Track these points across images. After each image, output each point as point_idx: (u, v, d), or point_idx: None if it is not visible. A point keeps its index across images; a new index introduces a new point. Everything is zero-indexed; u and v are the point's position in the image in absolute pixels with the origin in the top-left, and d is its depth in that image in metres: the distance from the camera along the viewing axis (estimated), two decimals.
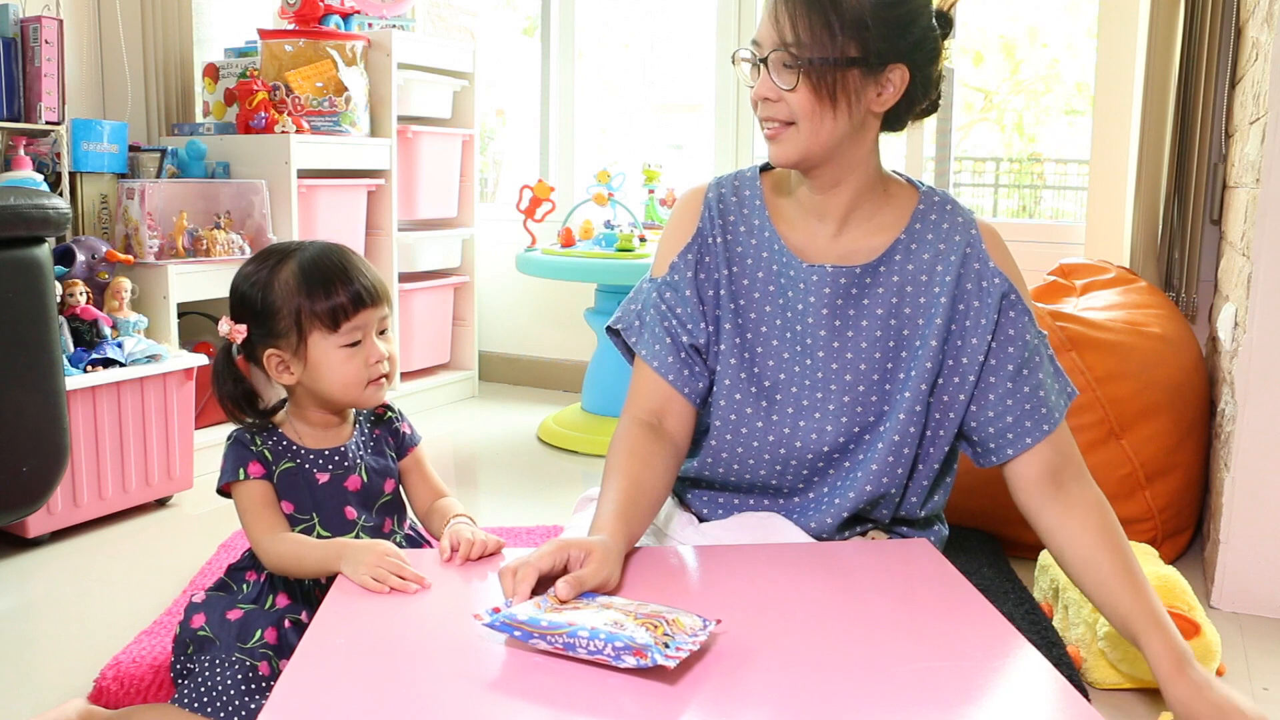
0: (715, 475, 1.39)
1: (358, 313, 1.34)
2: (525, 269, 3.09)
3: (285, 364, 1.36)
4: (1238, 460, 1.91)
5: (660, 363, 1.35)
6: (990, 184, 3.92)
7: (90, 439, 2.28)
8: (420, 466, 1.49)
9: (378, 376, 1.37)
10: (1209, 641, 1.56)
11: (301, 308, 1.33)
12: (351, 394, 1.37)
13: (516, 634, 0.97)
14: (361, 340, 1.36)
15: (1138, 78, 2.60)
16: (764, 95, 1.26)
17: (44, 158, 2.73)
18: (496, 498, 2.63)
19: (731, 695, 0.89)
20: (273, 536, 1.34)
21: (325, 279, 1.34)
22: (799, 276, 1.31)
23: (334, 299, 1.33)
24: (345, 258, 1.37)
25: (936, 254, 1.30)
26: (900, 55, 1.24)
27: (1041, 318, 2.17)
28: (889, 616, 1.05)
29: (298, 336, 1.34)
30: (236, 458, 1.37)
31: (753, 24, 3.44)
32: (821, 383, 1.32)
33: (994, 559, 2.11)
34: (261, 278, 1.36)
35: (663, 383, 1.35)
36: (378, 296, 1.37)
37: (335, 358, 1.34)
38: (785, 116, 1.25)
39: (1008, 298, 1.30)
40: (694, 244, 1.37)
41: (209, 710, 1.26)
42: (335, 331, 1.34)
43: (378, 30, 3.32)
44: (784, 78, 1.23)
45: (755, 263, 1.35)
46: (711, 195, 1.39)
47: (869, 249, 1.32)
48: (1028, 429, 1.30)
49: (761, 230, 1.35)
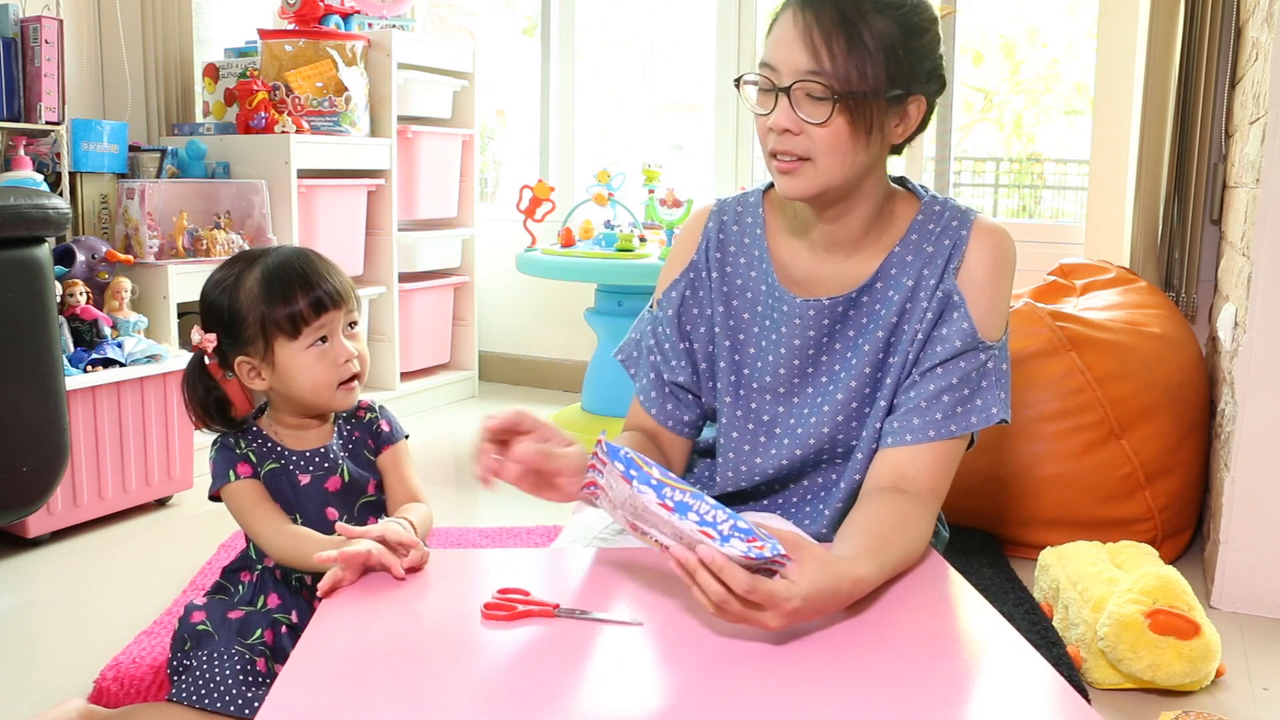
0: (723, 494, 1.40)
1: (318, 317, 1.35)
2: (525, 269, 3.09)
3: (256, 370, 1.37)
4: (1238, 460, 1.91)
5: (645, 397, 1.38)
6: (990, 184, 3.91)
7: (90, 439, 2.28)
8: (398, 466, 1.46)
9: (348, 377, 1.37)
10: (1209, 641, 1.56)
11: (265, 315, 1.34)
12: (323, 397, 1.37)
13: (634, 472, 0.94)
14: (328, 340, 1.36)
15: (1138, 78, 2.60)
16: (784, 127, 1.15)
17: (44, 158, 2.73)
18: (496, 498, 2.62)
19: (730, 694, 0.89)
20: (274, 529, 1.35)
21: (285, 286, 1.34)
22: (793, 312, 1.28)
23: (293, 305, 1.34)
24: (308, 263, 1.37)
25: (926, 260, 1.25)
26: (919, 85, 1.19)
27: (1041, 318, 2.17)
28: (888, 616, 1.05)
29: (264, 343, 1.35)
30: (225, 461, 1.37)
31: (753, 25, 3.44)
32: (817, 407, 1.30)
33: (994, 559, 2.11)
34: (228, 285, 1.37)
35: (649, 417, 1.38)
36: (340, 299, 1.37)
37: (303, 361, 1.35)
38: (803, 151, 1.16)
39: (950, 299, 1.23)
40: (684, 278, 1.35)
41: (206, 703, 1.26)
42: (297, 337, 1.35)
43: (378, 30, 3.32)
44: (813, 110, 1.14)
45: (754, 297, 1.32)
46: (711, 225, 1.35)
47: (869, 271, 1.27)
48: (914, 426, 1.22)
49: (760, 262, 1.32)
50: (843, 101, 1.13)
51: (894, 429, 1.23)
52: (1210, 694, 1.62)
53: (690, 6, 3.80)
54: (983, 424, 1.23)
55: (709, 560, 0.91)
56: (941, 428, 1.21)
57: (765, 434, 1.33)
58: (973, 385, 1.23)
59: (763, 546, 0.91)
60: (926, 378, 1.23)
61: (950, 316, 1.23)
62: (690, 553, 0.92)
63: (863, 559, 1.05)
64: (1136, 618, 1.56)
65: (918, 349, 1.24)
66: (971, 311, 1.22)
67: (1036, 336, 2.15)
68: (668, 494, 0.94)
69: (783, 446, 1.32)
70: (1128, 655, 1.56)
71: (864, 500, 1.20)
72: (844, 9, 1.13)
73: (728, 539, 0.92)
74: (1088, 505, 2.11)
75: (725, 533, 0.92)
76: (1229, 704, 1.59)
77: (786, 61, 1.14)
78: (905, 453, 1.22)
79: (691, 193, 3.20)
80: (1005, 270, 1.26)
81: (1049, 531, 2.12)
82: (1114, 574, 1.71)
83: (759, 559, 0.91)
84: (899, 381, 1.26)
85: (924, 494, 1.20)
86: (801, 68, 1.13)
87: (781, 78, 1.15)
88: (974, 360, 1.23)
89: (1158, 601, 1.58)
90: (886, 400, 1.26)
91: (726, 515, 0.94)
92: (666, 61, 4.06)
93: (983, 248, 1.24)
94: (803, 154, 1.16)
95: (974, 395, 1.23)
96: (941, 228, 1.26)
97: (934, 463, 1.22)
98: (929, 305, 1.23)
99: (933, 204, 1.28)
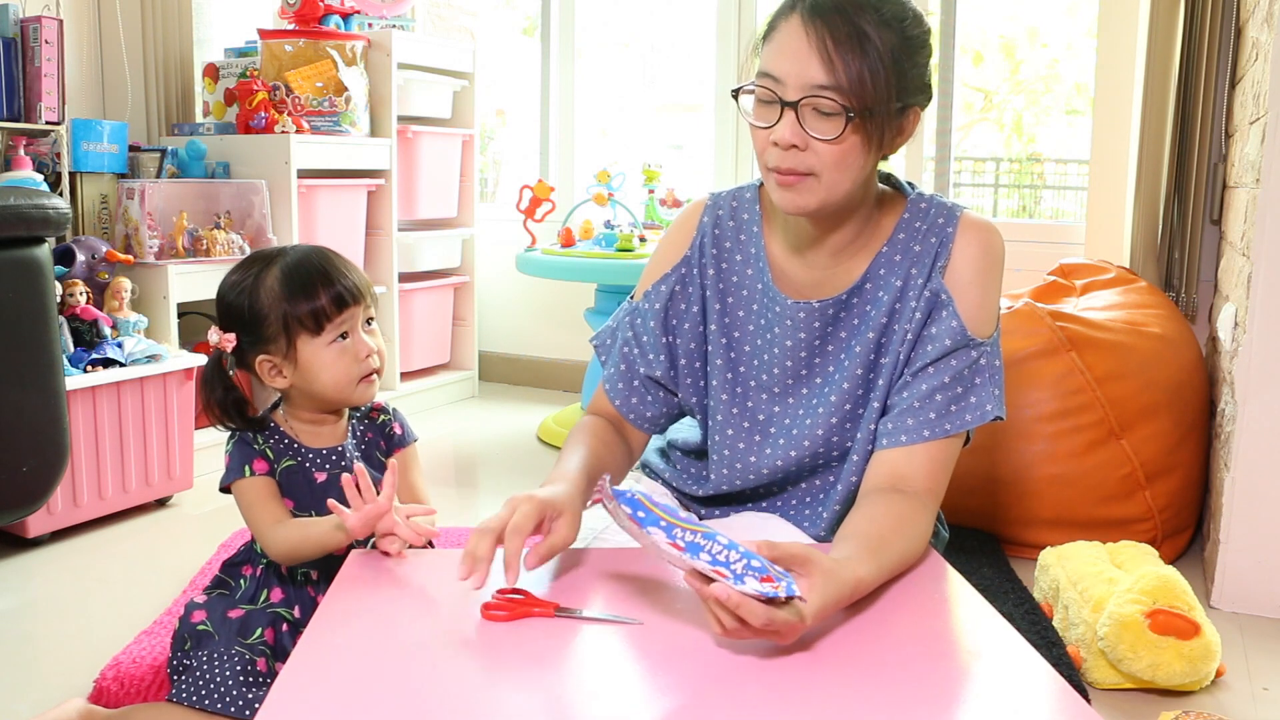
0: (718, 494, 1.40)
1: (340, 313, 1.37)
2: (525, 269, 3.09)
3: (278, 368, 1.38)
4: (1238, 460, 1.91)
5: (611, 386, 1.38)
6: (990, 184, 3.92)
7: (90, 439, 2.28)
8: (408, 469, 1.48)
9: (368, 372, 1.40)
10: (1209, 641, 1.56)
11: (287, 313, 1.36)
12: (344, 392, 1.39)
13: (641, 514, 0.93)
14: (349, 336, 1.38)
15: (1138, 78, 2.60)
16: (790, 142, 1.12)
17: (44, 158, 2.73)
18: (496, 498, 2.62)
19: (731, 694, 0.89)
20: (276, 526, 1.36)
21: (306, 282, 1.36)
22: (785, 313, 1.27)
23: (315, 301, 1.36)
24: (326, 260, 1.40)
25: (914, 260, 1.24)
26: (917, 97, 1.18)
27: (1041, 318, 2.17)
28: (888, 616, 1.05)
29: (286, 341, 1.36)
30: (242, 456, 1.38)
31: (753, 25, 3.43)
32: (812, 409, 1.30)
33: (994, 559, 2.11)
34: (247, 285, 1.38)
35: (612, 406, 1.38)
36: (359, 295, 1.39)
37: (325, 357, 1.37)
38: (808, 167, 1.13)
39: (938, 298, 1.22)
40: (675, 273, 1.34)
41: (206, 703, 1.27)
42: (320, 333, 1.36)
43: (378, 30, 3.32)
44: (822, 126, 1.11)
45: (750, 294, 1.31)
46: (707, 220, 1.34)
47: (858, 273, 1.26)
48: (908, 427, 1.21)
49: (756, 260, 1.31)
50: (856, 118, 1.10)
51: (889, 430, 1.23)
52: (1210, 694, 1.62)
53: (690, 6, 3.80)
54: (977, 421, 1.22)
55: (724, 599, 0.89)
56: (936, 427, 1.21)
57: (760, 433, 1.33)
58: (965, 383, 1.22)
59: (778, 586, 0.90)
60: (919, 377, 1.23)
61: (939, 315, 1.22)
62: (705, 585, 0.91)
63: (862, 559, 1.05)
64: (1136, 618, 1.56)
65: (908, 349, 1.24)
66: (960, 309, 1.21)
67: (1036, 336, 2.15)
68: (678, 534, 0.93)
69: (778, 447, 1.32)
70: (1128, 655, 1.56)
71: (861, 502, 1.20)
72: (856, 21, 1.10)
73: (741, 578, 0.91)
74: (1088, 505, 2.11)
75: (739, 572, 0.91)
76: (1229, 704, 1.59)
77: (795, 74, 1.10)
78: (901, 453, 1.21)
79: (691, 193, 3.21)
80: (993, 266, 1.24)
81: (1049, 531, 2.12)
82: (1114, 574, 1.71)
83: (773, 598, 0.90)
84: (891, 382, 1.25)
85: (922, 494, 1.20)
86: (813, 81, 1.10)
87: (788, 91, 1.11)
88: (965, 358, 1.22)
89: (1158, 601, 1.58)
90: (880, 401, 1.26)
91: (740, 555, 0.92)
92: (666, 61, 4.06)
93: (969, 245, 1.23)
94: (807, 170, 1.14)
95: (967, 393, 1.22)
96: (928, 226, 1.25)
97: (930, 462, 1.21)
98: (917, 305, 1.23)
99: (919, 202, 1.27)
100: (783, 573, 0.93)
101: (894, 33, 1.12)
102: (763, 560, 0.94)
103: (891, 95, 1.12)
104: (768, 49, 1.15)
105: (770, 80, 1.13)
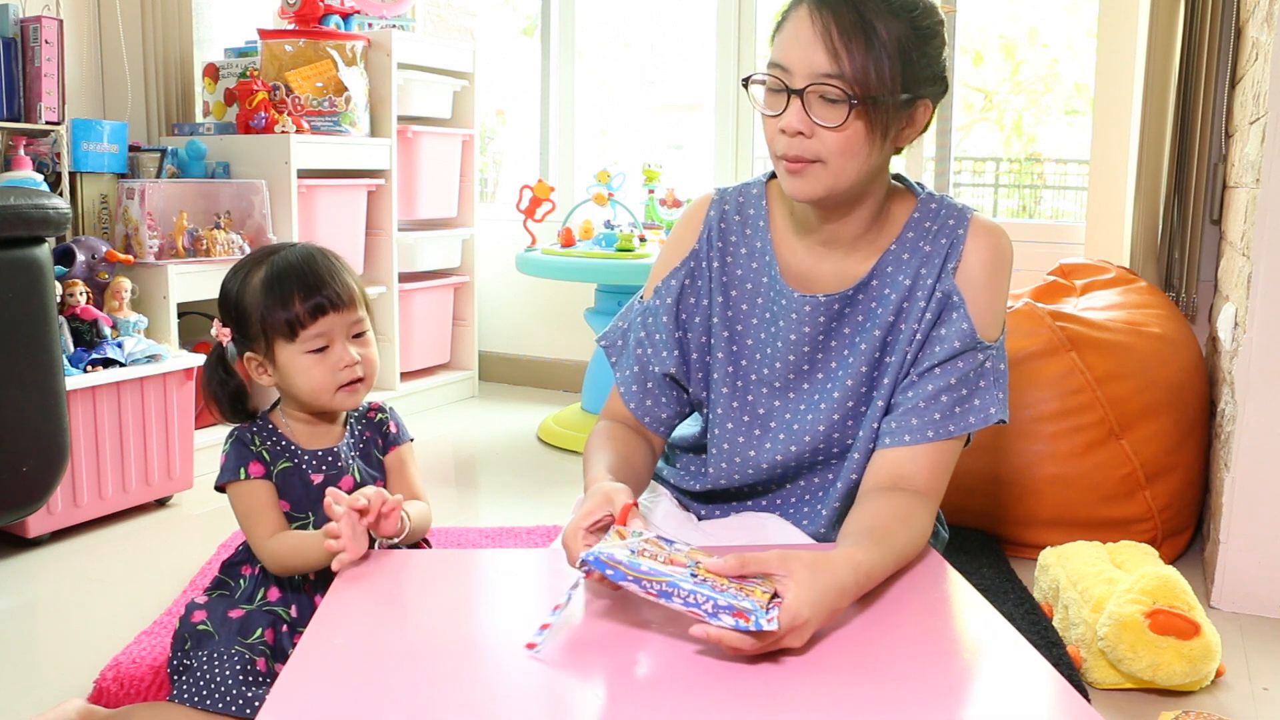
0: (716, 489, 1.40)
1: (315, 321, 1.34)
2: (525, 269, 3.09)
3: (262, 366, 1.39)
4: (1238, 460, 1.91)
5: (626, 390, 1.37)
6: (990, 184, 3.91)
7: (90, 439, 2.28)
8: (403, 467, 1.48)
9: (349, 381, 1.37)
10: (1209, 641, 1.56)
11: (264, 317, 1.35)
12: (321, 399, 1.38)
13: (609, 573, 0.97)
14: (328, 346, 1.36)
15: (1138, 78, 2.60)
16: (797, 129, 1.14)
17: (44, 158, 2.73)
18: (496, 498, 2.63)
19: (731, 694, 0.89)
20: (269, 540, 1.35)
21: (285, 288, 1.34)
22: (791, 306, 1.27)
23: (290, 310, 1.34)
24: (313, 265, 1.37)
25: (923, 259, 1.24)
26: (927, 89, 1.17)
27: (1041, 318, 2.17)
28: (888, 616, 1.05)
29: (265, 343, 1.36)
30: (238, 457, 1.38)
31: (753, 25, 3.44)
32: (814, 405, 1.30)
33: (994, 559, 2.11)
34: (237, 282, 1.39)
35: (627, 410, 1.38)
36: (343, 303, 1.36)
37: (301, 364, 1.35)
38: (814, 154, 1.15)
39: (950, 299, 1.23)
40: (684, 267, 1.34)
41: (207, 703, 1.26)
42: (294, 340, 1.35)
43: (378, 30, 3.32)
44: (827, 113, 1.12)
45: (755, 288, 1.31)
46: (713, 214, 1.34)
47: (866, 268, 1.27)
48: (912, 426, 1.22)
49: (763, 254, 1.31)
50: (859, 105, 1.11)
51: (892, 429, 1.23)
52: (1210, 694, 1.62)
53: (690, 6, 3.80)
54: (981, 424, 1.22)
55: (703, 638, 0.93)
56: (940, 428, 1.21)
57: (760, 427, 1.33)
58: (971, 386, 1.23)
59: (748, 619, 0.92)
60: (925, 378, 1.23)
61: (949, 317, 1.22)
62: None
63: (863, 547, 1.05)
64: (1136, 618, 1.56)
65: (916, 349, 1.24)
66: (970, 311, 1.22)
67: (1036, 336, 2.15)
68: (647, 585, 0.96)
69: (778, 442, 1.32)
70: (1128, 655, 1.56)
71: (863, 499, 1.20)
72: (862, 10, 1.11)
73: (715, 616, 0.93)
74: (1087, 505, 2.11)
75: (710, 611, 0.94)
76: (1229, 704, 1.59)
77: (801, 62, 1.13)
78: (904, 453, 1.22)
79: (691, 193, 3.21)
80: (1003, 270, 1.25)
81: (1049, 531, 2.12)
82: (1114, 574, 1.71)
83: (747, 631, 0.92)
84: (896, 381, 1.26)
85: (923, 493, 1.21)
86: (818, 70, 1.12)
87: (795, 79, 1.13)
88: (972, 360, 1.22)
89: (1158, 601, 1.58)
90: (884, 400, 1.26)
91: (707, 595, 0.94)
92: (666, 61, 4.06)
93: (981, 247, 1.24)
94: (814, 157, 1.15)
95: (972, 395, 1.23)
96: (939, 227, 1.25)
97: (932, 462, 1.22)
98: (927, 305, 1.23)
99: (929, 202, 1.27)
100: (753, 606, 0.94)
101: (902, 23, 1.13)
102: (730, 597, 0.94)
103: (897, 85, 1.13)
104: (778, 39, 1.18)
105: (779, 69, 1.15)
